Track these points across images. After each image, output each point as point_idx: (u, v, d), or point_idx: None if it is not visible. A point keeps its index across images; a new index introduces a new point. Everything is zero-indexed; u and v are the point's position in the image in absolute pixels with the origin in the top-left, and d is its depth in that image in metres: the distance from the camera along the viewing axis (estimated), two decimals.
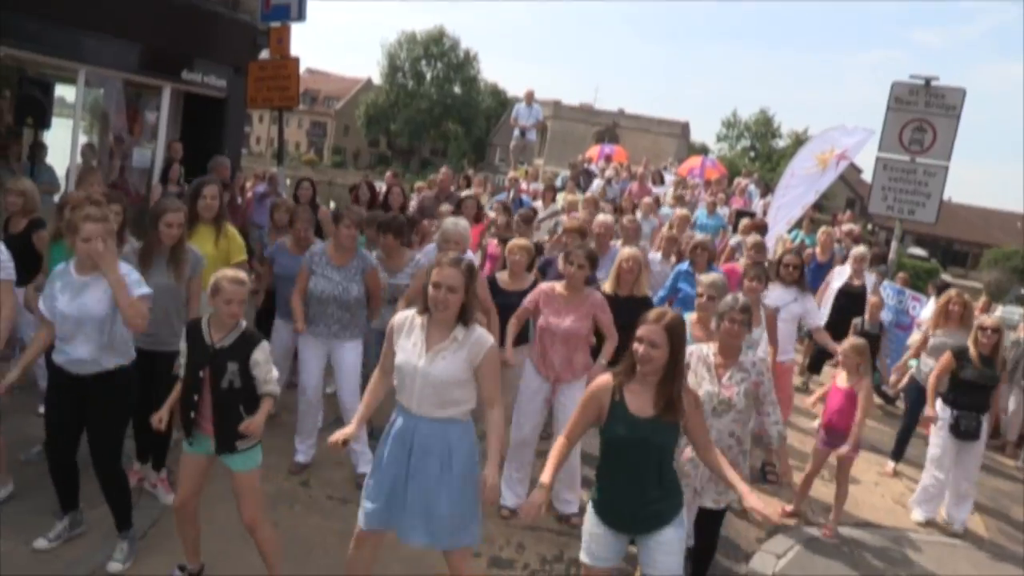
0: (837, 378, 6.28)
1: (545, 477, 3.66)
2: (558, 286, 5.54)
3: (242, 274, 4.04)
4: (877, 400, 9.60)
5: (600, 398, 3.67)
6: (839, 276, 10.24)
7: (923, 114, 10.24)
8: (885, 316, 9.80)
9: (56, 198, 8.70)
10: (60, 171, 10.31)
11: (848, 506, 6.63)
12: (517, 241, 6.48)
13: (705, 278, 5.59)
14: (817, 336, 7.62)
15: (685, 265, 7.46)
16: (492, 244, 8.06)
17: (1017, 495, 8.08)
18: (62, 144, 10.47)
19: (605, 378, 3.72)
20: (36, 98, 8.64)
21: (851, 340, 6.39)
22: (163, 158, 11.53)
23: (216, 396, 3.98)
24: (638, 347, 3.54)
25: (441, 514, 3.73)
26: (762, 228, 10.73)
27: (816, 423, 6.69)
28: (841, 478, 6.23)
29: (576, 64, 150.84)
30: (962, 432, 6.56)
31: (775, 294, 7.04)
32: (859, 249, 10.66)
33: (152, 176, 11.60)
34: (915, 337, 10.12)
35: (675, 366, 3.57)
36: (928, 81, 10.23)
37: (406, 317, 3.86)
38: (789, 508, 6.44)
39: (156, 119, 11.86)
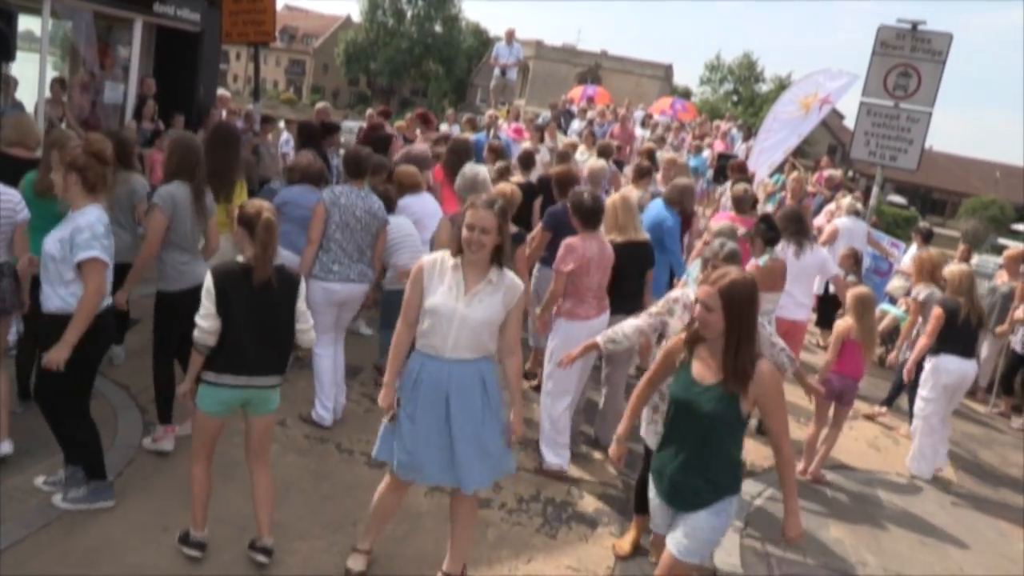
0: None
1: (621, 429, 3.94)
2: None
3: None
4: None
5: (674, 355, 3.63)
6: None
7: (908, 59, 10.15)
8: (864, 262, 9.82)
9: None
10: (29, 106, 10.02)
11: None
12: (499, 187, 6.38)
13: (715, 225, 5.42)
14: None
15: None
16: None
17: (985, 439, 8.23)
18: (30, 79, 10.16)
19: (681, 336, 3.64)
20: None
21: (852, 289, 6.42)
22: (135, 95, 11.25)
23: None
24: (697, 309, 3.41)
25: (492, 449, 3.86)
26: (743, 168, 10.73)
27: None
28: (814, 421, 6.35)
29: (559, 4, 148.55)
30: None
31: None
32: (846, 200, 10.66)
33: (125, 113, 11.33)
34: (895, 284, 10.23)
35: (737, 333, 3.32)
36: (915, 25, 10.11)
37: (435, 260, 3.81)
38: (799, 467, 6.32)
39: (128, 53, 11.53)
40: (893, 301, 10.23)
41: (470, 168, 6.30)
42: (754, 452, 6.41)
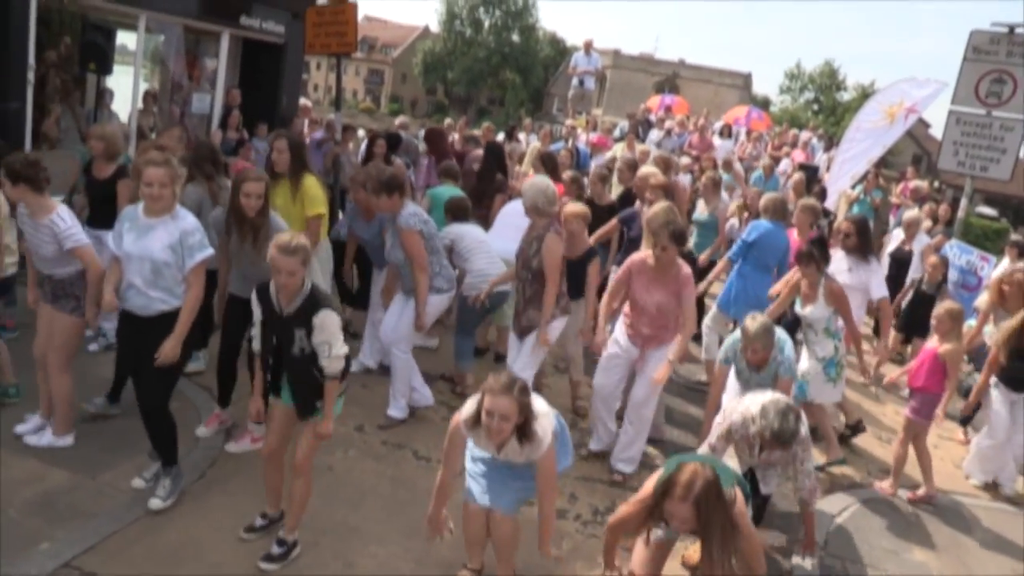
0: (929, 342, 6.11)
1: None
2: (648, 258, 5.44)
3: (294, 240, 3.87)
4: None
5: (643, 528, 3.70)
6: (893, 240, 10.13)
7: (1004, 64, 9.77)
8: (951, 276, 9.50)
9: None
10: (123, 117, 10.44)
11: (906, 468, 6.51)
12: (571, 209, 6.38)
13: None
14: (881, 306, 6.99)
15: None
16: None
17: None
18: (124, 91, 10.59)
19: (646, 508, 3.58)
20: (98, 44, 8.72)
21: (945, 304, 6.20)
22: (222, 105, 11.62)
23: (289, 363, 4.03)
24: (673, 523, 3.44)
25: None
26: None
27: (904, 393, 6.40)
28: (912, 443, 6.13)
29: (637, 13, 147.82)
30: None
31: (835, 260, 6.86)
32: (911, 213, 10.41)
33: (211, 123, 11.70)
34: (983, 299, 9.84)
35: (715, 538, 3.34)
36: (1012, 28, 9.73)
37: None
38: (884, 485, 6.23)
39: (215, 65, 11.92)
40: None
41: (540, 179, 6.29)
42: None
